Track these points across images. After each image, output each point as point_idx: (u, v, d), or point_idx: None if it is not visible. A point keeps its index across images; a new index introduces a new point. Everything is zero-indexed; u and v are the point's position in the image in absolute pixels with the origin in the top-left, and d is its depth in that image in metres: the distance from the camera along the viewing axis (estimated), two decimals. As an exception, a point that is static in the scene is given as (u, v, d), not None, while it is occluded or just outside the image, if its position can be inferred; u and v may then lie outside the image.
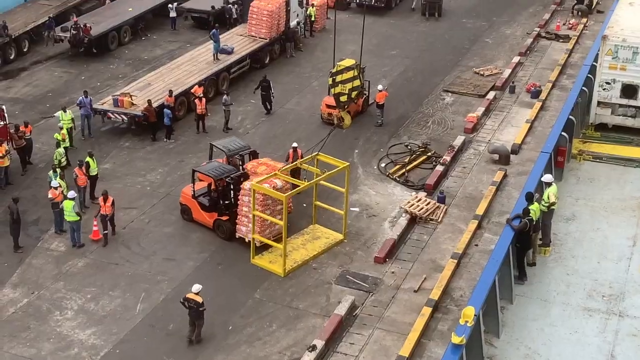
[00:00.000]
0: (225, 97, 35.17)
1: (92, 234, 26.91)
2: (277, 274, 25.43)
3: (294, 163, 27.94)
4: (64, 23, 43.51)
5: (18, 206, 26.55)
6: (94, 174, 29.09)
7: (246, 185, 26.26)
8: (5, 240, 26.78)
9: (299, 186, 26.45)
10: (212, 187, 27.69)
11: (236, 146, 29.37)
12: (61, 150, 30.12)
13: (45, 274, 25.42)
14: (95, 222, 26.88)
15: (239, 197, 26.61)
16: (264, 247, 26.34)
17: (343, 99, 34.31)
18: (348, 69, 34.44)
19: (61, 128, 31.46)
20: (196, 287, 22.40)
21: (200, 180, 28.46)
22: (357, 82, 34.42)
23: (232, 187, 27.13)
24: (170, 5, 46.93)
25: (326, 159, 27.20)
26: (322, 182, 26.78)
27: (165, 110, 33.72)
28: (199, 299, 22.20)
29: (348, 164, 27.12)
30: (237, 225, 26.83)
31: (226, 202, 27.34)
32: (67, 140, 31.47)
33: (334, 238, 27.21)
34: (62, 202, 26.79)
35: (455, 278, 24.38)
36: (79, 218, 26.40)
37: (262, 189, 25.49)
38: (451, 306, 23.17)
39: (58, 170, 28.63)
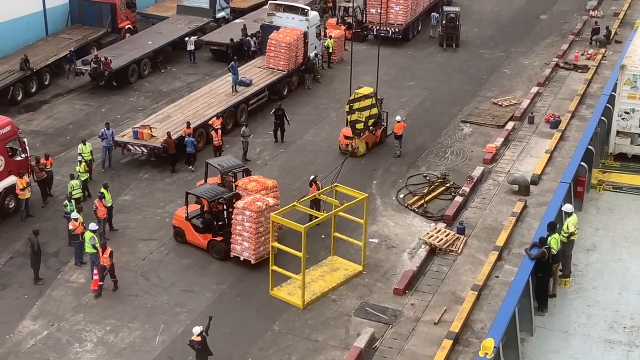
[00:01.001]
0: (243, 128, 35.40)
1: (92, 283, 26.19)
2: (296, 306, 25.37)
3: (313, 195, 27.99)
4: (85, 56, 43.96)
5: (38, 238, 26.69)
6: (109, 205, 29.13)
7: (239, 204, 26.81)
8: (25, 272, 26.89)
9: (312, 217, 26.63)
10: (206, 208, 28.19)
11: (230, 164, 29.96)
12: (75, 182, 30.27)
13: (65, 306, 25.47)
14: (95, 271, 26.20)
15: (233, 217, 27.07)
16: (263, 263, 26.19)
17: (359, 126, 34.21)
18: (366, 97, 34.42)
19: (80, 161, 31.66)
20: (196, 330, 21.99)
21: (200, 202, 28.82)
22: (374, 111, 34.27)
23: (225, 208, 27.68)
24: (187, 39, 47.28)
25: (345, 190, 27.22)
26: (340, 213, 26.79)
27: (190, 139, 34.09)
28: (198, 339, 21.90)
29: (367, 195, 27.10)
30: (231, 245, 27.27)
31: (220, 223, 27.89)
32: (88, 171, 31.73)
33: (353, 269, 27.15)
34: (82, 233, 26.95)
35: (475, 310, 24.24)
36: (95, 250, 26.42)
37: (282, 221, 25.64)
38: (472, 339, 22.99)
39: (73, 200, 28.82)
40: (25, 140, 31.70)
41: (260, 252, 26.87)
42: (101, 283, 25.89)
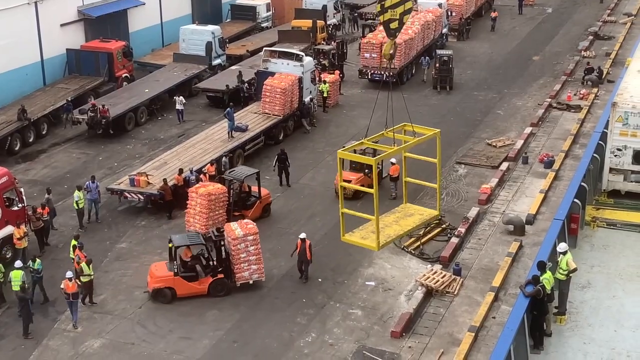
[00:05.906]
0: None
1: None
2: (371, 249, 25.07)
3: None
4: (82, 105, 44.34)
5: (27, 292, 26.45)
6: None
7: (238, 233, 28.12)
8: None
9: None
10: (191, 254, 28.78)
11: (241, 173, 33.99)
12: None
13: (62, 356, 25.35)
14: None
15: (233, 247, 28.06)
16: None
17: (393, 25, 29.21)
18: None
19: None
20: None
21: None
22: (409, 5, 28.46)
23: (214, 246, 28.39)
24: (175, 98, 46.45)
25: (415, 128, 26.53)
26: (408, 154, 26.21)
27: (190, 176, 34.67)
28: None
29: (439, 130, 26.28)
30: (236, 275, 28.24)
31: (213, 262, 28.46)
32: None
33: (429, 214, 26.29)
34: (76, 293, 26.67)
35: (473, 352, 24.15)
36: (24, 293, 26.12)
37: (350, 156, 26.37)
38: (469, 380, 22.95)
39: (38, 259, 28.15)
40: (22, 190, 31.86)
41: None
42: None
